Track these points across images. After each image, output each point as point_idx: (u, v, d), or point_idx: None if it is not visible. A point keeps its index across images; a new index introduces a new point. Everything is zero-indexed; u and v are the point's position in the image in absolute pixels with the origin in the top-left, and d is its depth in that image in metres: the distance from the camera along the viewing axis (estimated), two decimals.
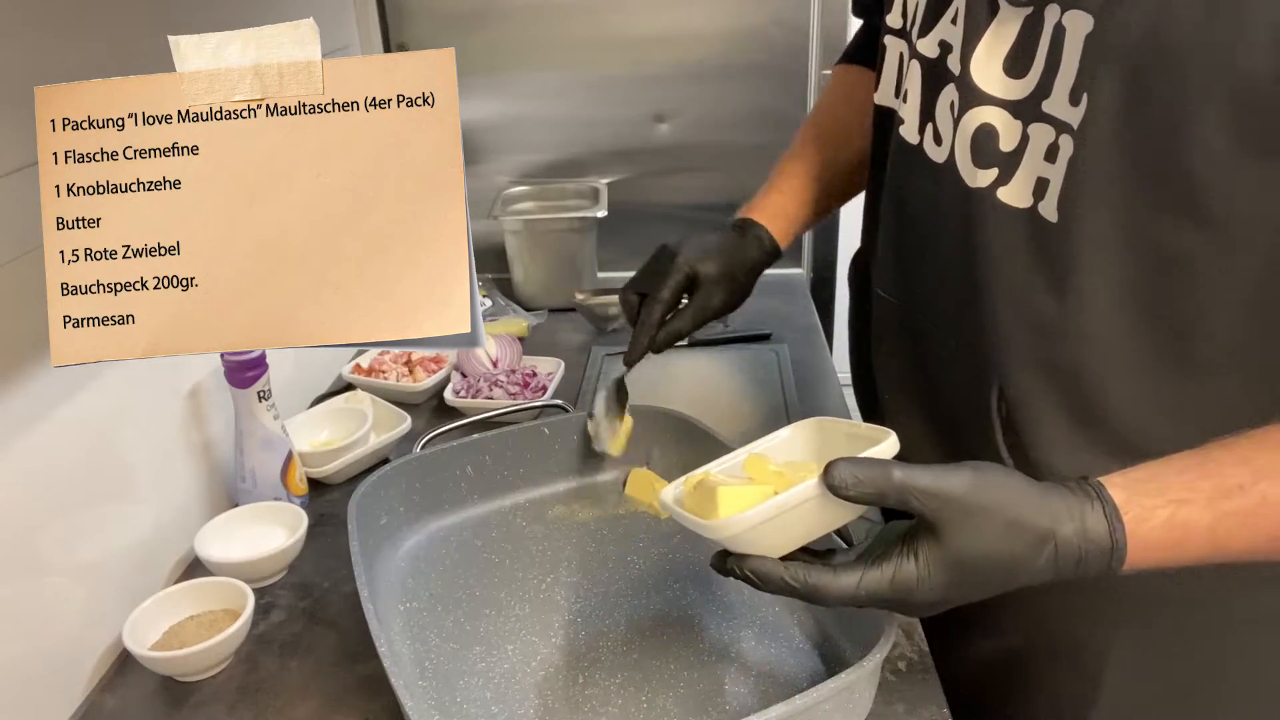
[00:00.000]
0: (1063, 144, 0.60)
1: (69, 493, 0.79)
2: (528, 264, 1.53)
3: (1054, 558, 0.54)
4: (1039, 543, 0.54)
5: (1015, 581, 0.55)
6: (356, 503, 0.83)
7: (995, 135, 0.64)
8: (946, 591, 0.55)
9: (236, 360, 0.92)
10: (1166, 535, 0.55)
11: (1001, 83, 0.63)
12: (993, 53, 0.63)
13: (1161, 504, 0.55)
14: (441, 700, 0.72)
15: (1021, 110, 0.62)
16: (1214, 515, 0.55)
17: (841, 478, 0.54)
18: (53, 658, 0.76)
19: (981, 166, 0.65)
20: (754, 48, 1.55)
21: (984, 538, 0.54)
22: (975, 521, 0.54)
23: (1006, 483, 0.56)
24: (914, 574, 0.55)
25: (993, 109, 0.64)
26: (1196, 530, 0.55)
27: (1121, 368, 0.63)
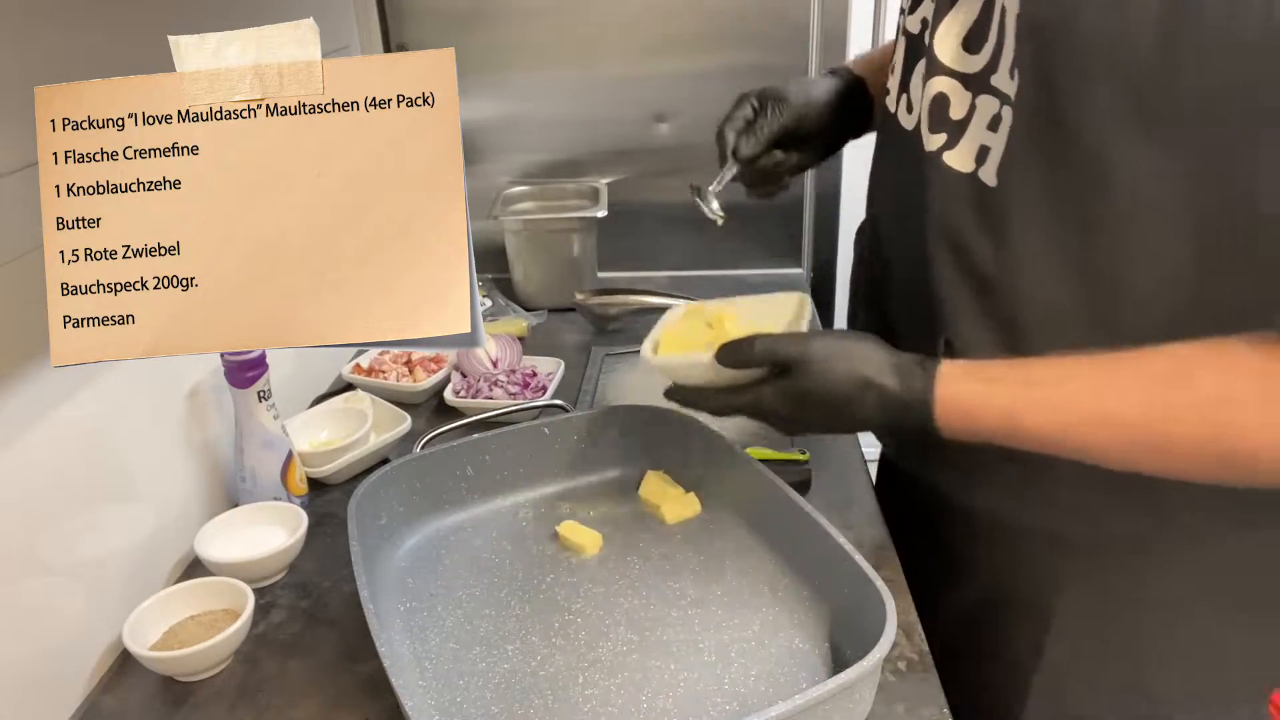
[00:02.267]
0: (1004, 115, 0.66)
1: (69, 493, 0.79)
2: (528, 264, 1.53)
3: (879, 402, 0.67)
4: (865, 387, 0.67)
5: (849, 416, 0.69)
6: (356, 503, 0.83)
7: (948, 103, 0.70)
8: (792, 414, 0.71)
9: (236, 360, 0.92)
10: (970, 404, 0.65)
11: (958, 56, 0.69)
12: (952, 29, 0.70)
13: (979, 379, 0.66)
14: (441, 700, 0.72)
15: (972, 83, 0.68)
16: (1015, 397, 0.64)
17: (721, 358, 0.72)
18: (53, 658, 0.76)
19: (934, 131, 0.72)
20: (754, 48, 1.55)
21: (819, 379, 0.68)
22: (817, 367, 0.68)
23: (855, 344, 0.70)
24: (768, 397, 0.71)
25: (948, 79, 0.70)
26: (995, 408, 0.64)
27: (1054, 325, 0.68)
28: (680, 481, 0.95)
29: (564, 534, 0.89)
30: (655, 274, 1.65)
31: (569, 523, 0.91)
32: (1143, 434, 0.60)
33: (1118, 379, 0.61)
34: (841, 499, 0.99)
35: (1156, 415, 0.60)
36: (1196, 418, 0.58)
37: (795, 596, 0.80)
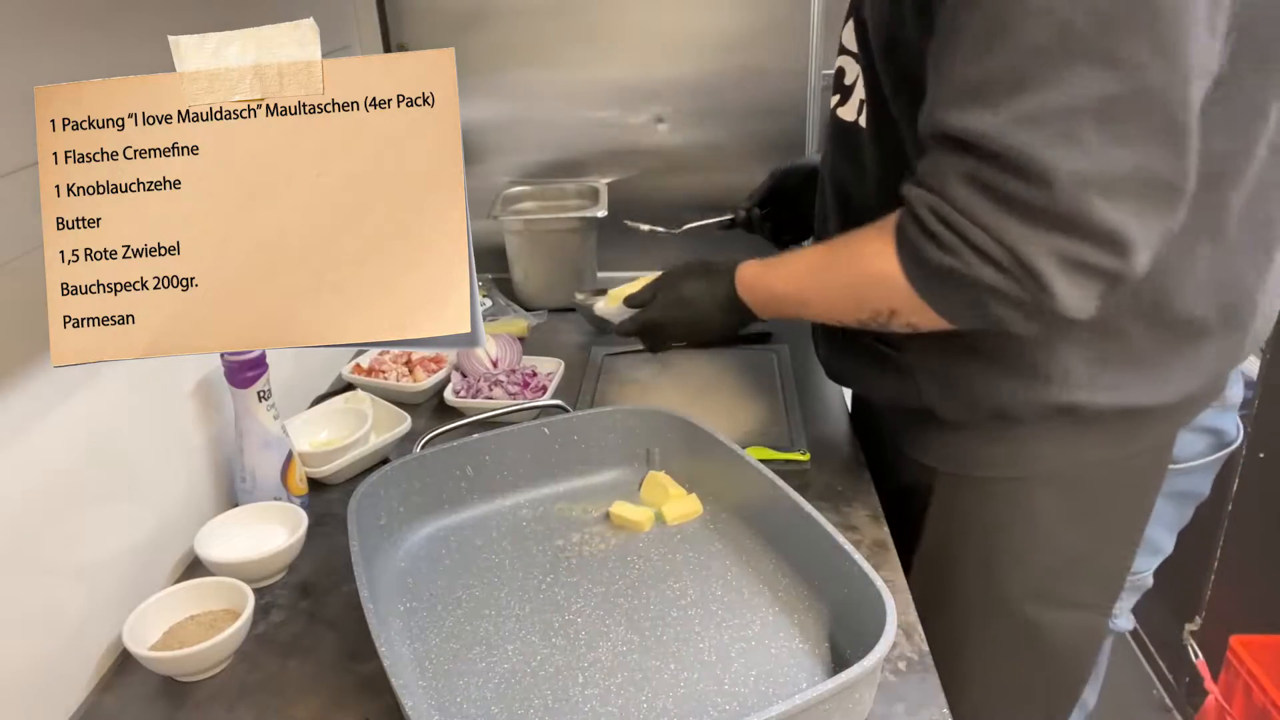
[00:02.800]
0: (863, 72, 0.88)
1: (69, 493, 0.79)
2: (528, 264, 1.53)
3: (706, 287, 1.05)
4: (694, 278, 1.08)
5: (693, 303, 1.07)
6: (356, 503, 0.83)
7: (843, 73, 0.92)
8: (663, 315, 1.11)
9: (236, 360, 0.92)
10: (749, 270, 1.00)
11: (853, 40, 0.89)
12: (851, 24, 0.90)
13: (758, 263, 1.00)
14: (441, 700, 0.72)
15: (858, 57, 0.88)
16: (766, 267, 0.98)
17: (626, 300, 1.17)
18: (53, 658, 0.76)
19: (834, 93, 0.94)
20: (754, 48, 1.55)
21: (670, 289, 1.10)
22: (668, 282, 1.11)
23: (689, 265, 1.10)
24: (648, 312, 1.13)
25: (845, 57, 0.92)
26: (755, 269, 0.99)
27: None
28: (681, 482, 0.95)
29: (616, 513, 0.92)
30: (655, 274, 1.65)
31: (620, 503, 0.93)
32: (819, 282, 0.88)
33: (814, 253, 0.91)
34: (841, 499, 0.99)
35: (819, 268, 0.89)
36: (845, 266, 0.84)
37: (795, 596, 0.80)
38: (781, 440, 1.08)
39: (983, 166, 0.68)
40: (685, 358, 1.33)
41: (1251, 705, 1.55)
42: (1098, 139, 0.64)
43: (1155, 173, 0.65)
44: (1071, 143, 0.65)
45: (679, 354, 1.34)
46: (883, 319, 0.81)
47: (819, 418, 1.15)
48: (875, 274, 0.78)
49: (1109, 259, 0.67)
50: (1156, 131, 0.65)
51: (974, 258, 0.70)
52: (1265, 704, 1.51)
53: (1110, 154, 0.64)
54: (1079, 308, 0.70)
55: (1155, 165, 0.65)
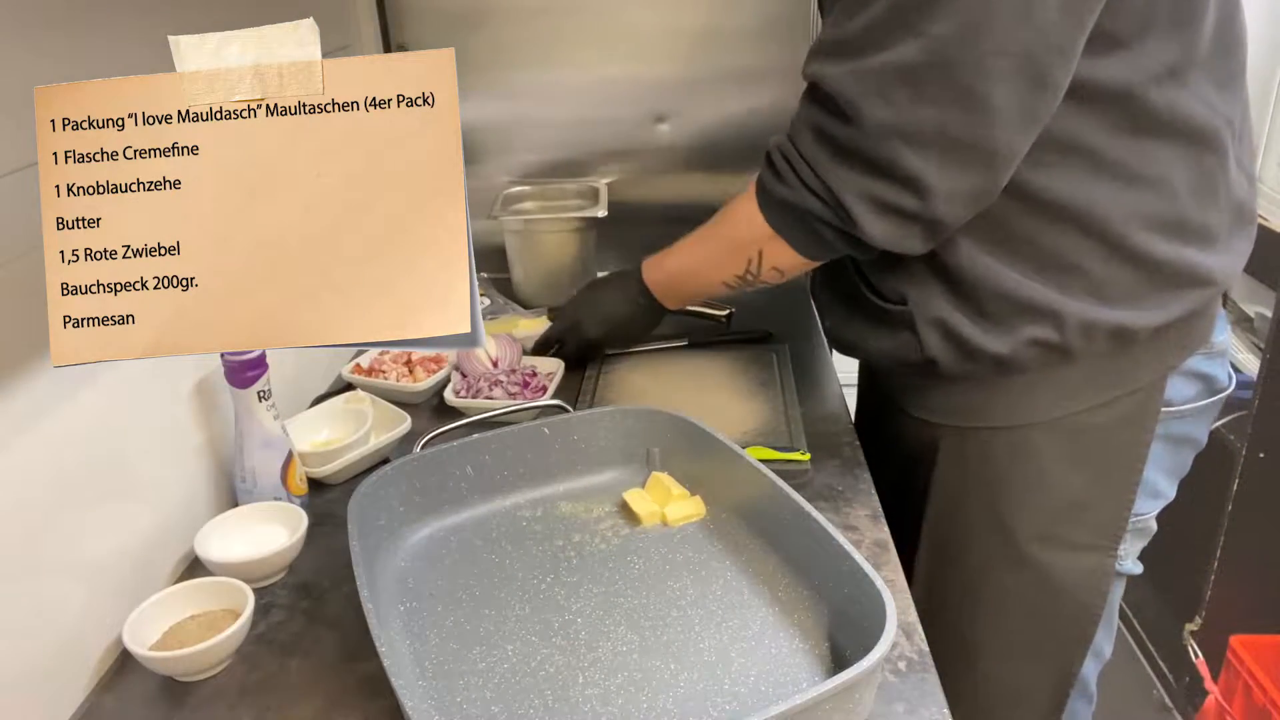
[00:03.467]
0: None
1: (69, 493, 0.79)
2: (528, 264, 1.53)
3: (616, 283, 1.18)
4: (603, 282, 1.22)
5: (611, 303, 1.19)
6: (356, 503, 0.83)
7: None
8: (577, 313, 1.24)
9: (236, 360, 0.92)
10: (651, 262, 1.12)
11: None
12: None
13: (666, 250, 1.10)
14: (441, 700, 0.72)
15: None
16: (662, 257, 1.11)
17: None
18: (53, 658, 0.76)
19: None
20: (754, 48, 1.55)
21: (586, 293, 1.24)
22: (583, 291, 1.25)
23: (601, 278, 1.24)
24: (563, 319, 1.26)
25: None
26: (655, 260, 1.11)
27: None
28: (682, 482, 0.95)
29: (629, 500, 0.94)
30: None
31: (634, 491, 0.95)
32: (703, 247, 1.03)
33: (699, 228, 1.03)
34: (841, 499, 0.99)
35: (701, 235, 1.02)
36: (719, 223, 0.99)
37: (795, 596, 0.80)
38: (781, 440, 1.08)
39: (819, 111, 0.83)
40: (685, 358, 1.33)
41: (1251, 705, 1.56)
42: (905, 96, 0.77)
43: (955, 133, 0.77)
44: (885, 97, 0.77)
45: (679, 354, 1.34)
46: (754, 265, 0.95)
47: (819, 418, 1.15)
48: (742, 217, 0.94)
49: (909, 200, 0.80)
50: (956, 97, 0.76)
51: (803, 191, 0.85)
52: (1265, 704, 1.51)
53: (916, 111, 0.77)
54: (885, 240, 0.84)
55: (954, 126, 0.77)
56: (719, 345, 1.35)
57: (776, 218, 0.90)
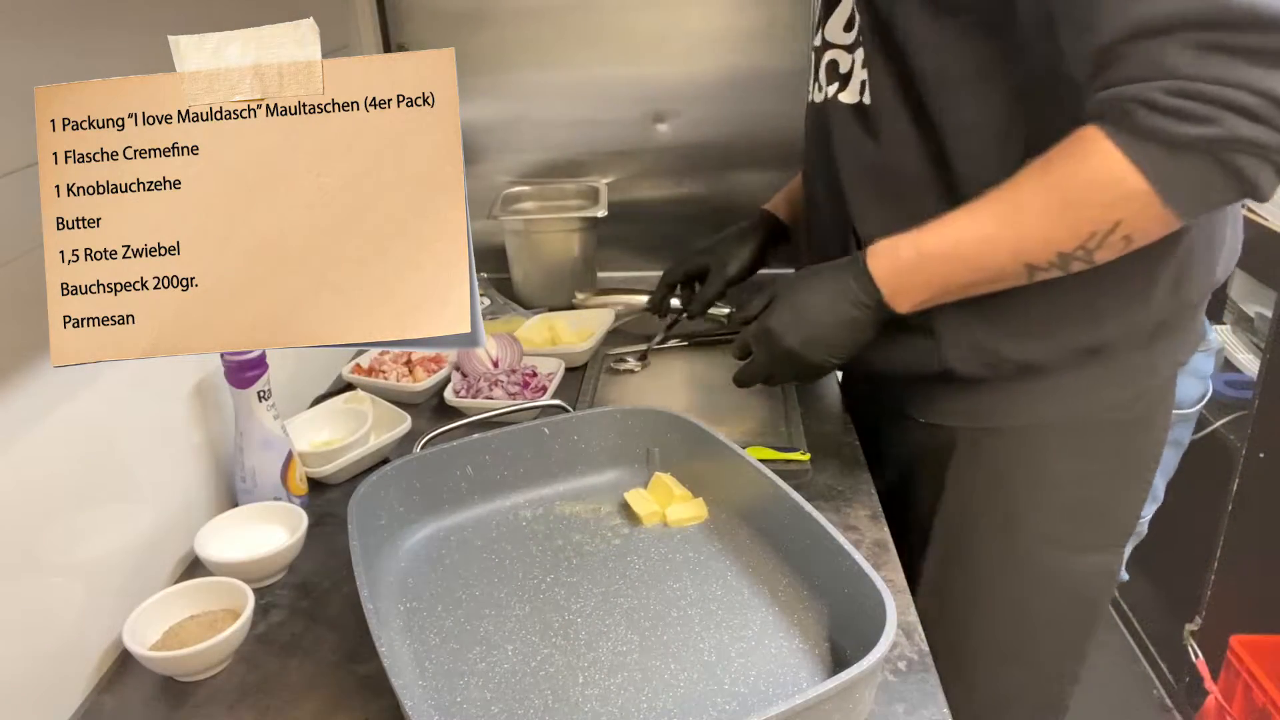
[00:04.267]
0: (858, 55, 0.91)
1: (69, 493, 0.79)
2: (528, 264, 1.53)
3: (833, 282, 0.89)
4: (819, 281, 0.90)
5: (819, 306, 0.90)
6: (356, 503, 0.83)
7: (838, 64, 0.95)
8: (772, 320, 0.92)
9: (236, 360, 0.92)
10: (885, 246, 0.85)
11: (841, 36, 0.94)
12: (836, 22, 0.95)
13: (892, 239, 0.85)
14: (441, 700, 0.72)
15: (851, 48, 0.93)
16: (917, 234, 0.83)
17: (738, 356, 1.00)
18: (53, 658, 0.76)
19: (829, 83, 0.96)
20: (754, 48, 1.55)
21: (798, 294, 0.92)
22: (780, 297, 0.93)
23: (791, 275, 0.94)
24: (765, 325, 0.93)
25: (836, 50, 0.95)
26: (905, 241, 0.84)
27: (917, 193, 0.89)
28: (682, 482, 0.95)
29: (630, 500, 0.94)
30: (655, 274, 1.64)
31: (636, 491, 0.95)
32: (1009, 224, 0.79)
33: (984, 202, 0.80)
34: (841, 499, 0.99)
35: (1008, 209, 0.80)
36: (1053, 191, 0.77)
37: (795, 596, 0.80)
38: (781, 440, 1.08)
39: (1207, 33, 0.68)
40: (685, 358, 1.33)
41: (1251, 705, 1.56)
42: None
43: None
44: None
45: (679, 354, 1.34)
46: (1097, 240, 0.77)
47: (819, 418, 1.15)
48: (1101, 182, 0.74)
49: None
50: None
51: (1233, 118, 0.69)
52: (1265, 704, 1.51)
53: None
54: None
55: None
56: (719, 345, 1.35)
57: (1172, 173, 0.73)
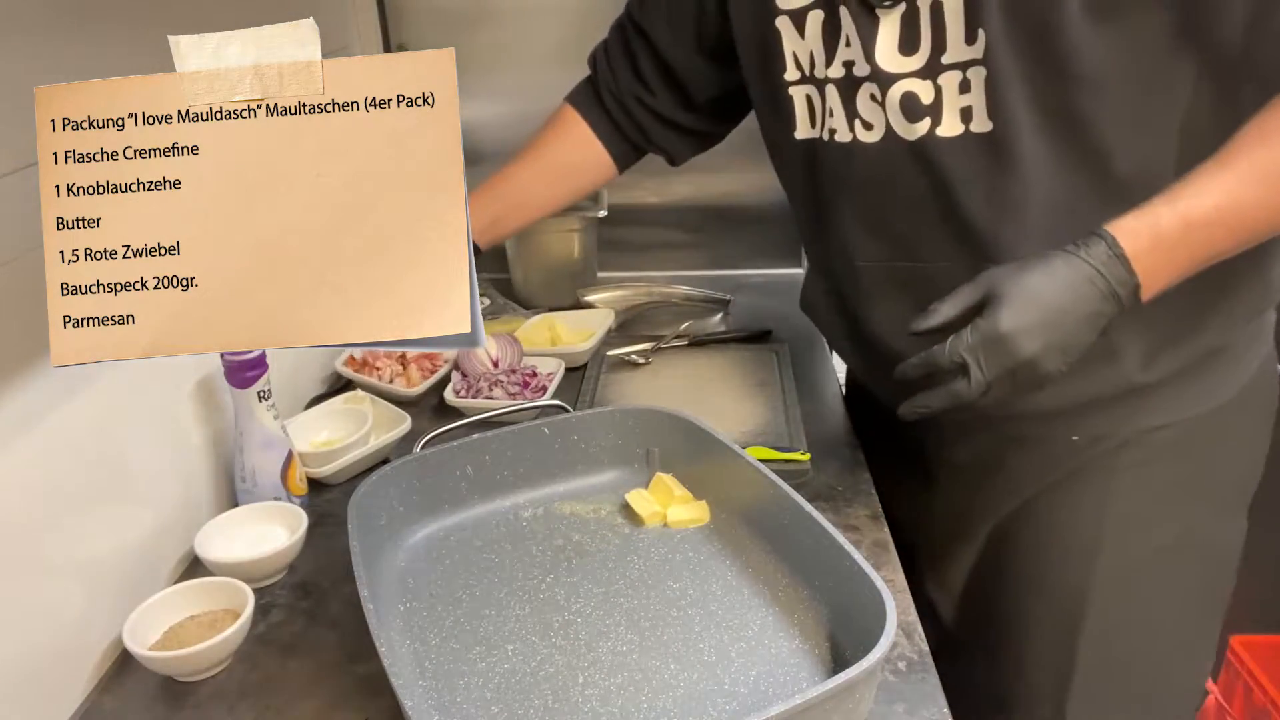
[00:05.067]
0: (972, 75, 0.80)
1: (69, 493, 0.79)
2: (528, 264, 1.53)
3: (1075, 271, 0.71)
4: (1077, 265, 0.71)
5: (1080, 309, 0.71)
6: (356, 503, 0.83)
7: (916, 97, 0.83)
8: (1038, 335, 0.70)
9: (236, 360, 0.92)
10: (1138, 219, 0.71)
11: (901, 61, 0.82)
12: (889, 44, 0.83)
13: (1138, 210, 0.72)
14: (441, 700, 0.72)
15: (927, 72, 0.81)
16: (1171, 196, 0.71)
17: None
18: (53, 658, 0.76)
19: (915, 120, 0.83)
20: None
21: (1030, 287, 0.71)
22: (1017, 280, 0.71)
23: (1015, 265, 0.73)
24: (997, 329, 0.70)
25: (906, 80, 0.83)
26: (1160, 210, 0.71)
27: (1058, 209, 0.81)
28: (682, 481, 0.95)
29: (631, 500, 0.93)
30: (655, 274, 1.65)
31: (637, 492, 0.94)
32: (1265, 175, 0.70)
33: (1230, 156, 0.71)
34: (841, 499, 0.99)
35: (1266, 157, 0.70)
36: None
37: (795, 596, 0.80)
38: (781, 440, 1.08)
39: None
40: (685, 358, 1.33)
41: (1251, 705, 1.56)
42: None
43: None
44: None
45: (679, 354, 1.34)
46: None
47: (819, 418, 1.15)
48: None
49: None
50: None
51: None
52: (1265, 704, 1.51)
53: None
54: None
55: None
56: (719, 345, 1.35)
57: None
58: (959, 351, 0.72)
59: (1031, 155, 0.80)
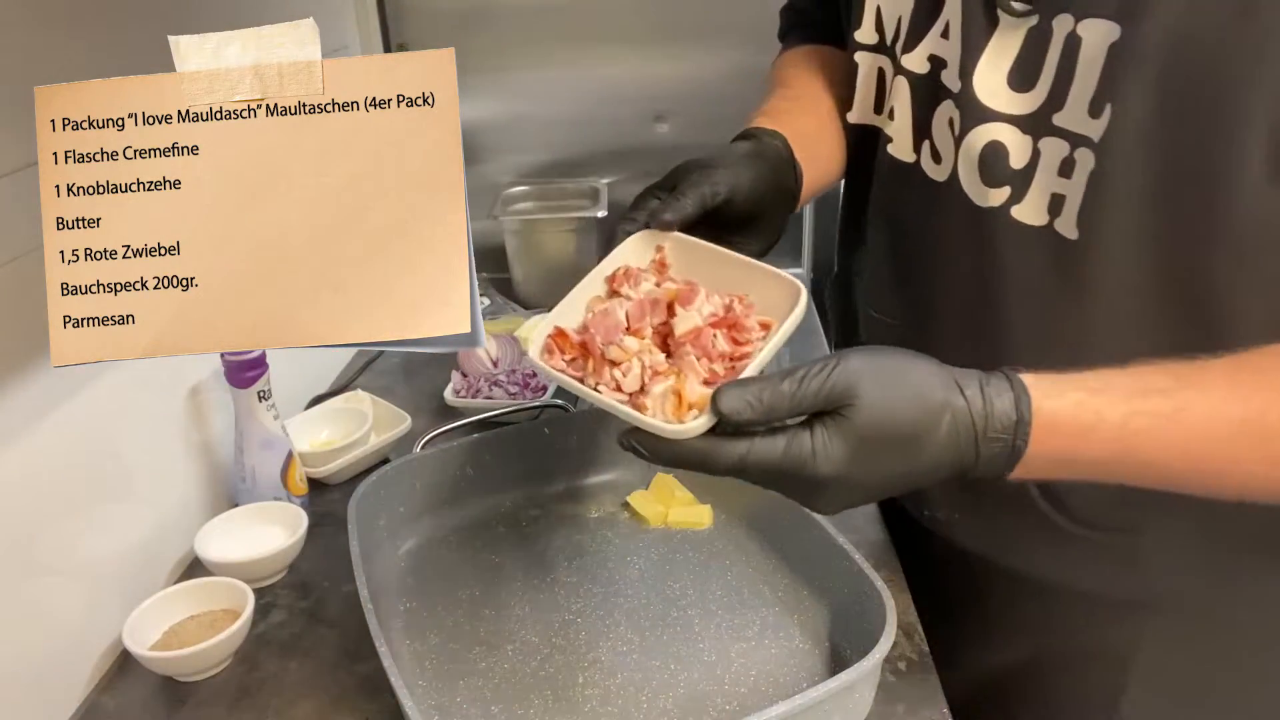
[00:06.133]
0: (1079, 158, 0.59)
1: (69, 493, 0.79)
2: (528, 264, 1.53)
3: (954, 429, 0.51)
4: (939, 409, 0.51)
5: (915, 460, 0.52)
6: (356, 503, 0.83)
7: (1005, 153, 0.62)
8: (846, 466, 0.51)
9: (236, 360, 0.92)
10: (1076, 418, 0.52)
11: (1007, 97, 0.62)
12: (995, 66, 0.62)
13: (1073, 389, 0.53)
14: (441, 700, 0.72)
15: (1031, 125, 0.61)
16: (1128, 410, 0.52)
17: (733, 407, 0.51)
18: (53, 658, 0.76)
19: (992, 185, 0.64)
20: (754, 48, 1.54)
21: (882, 403, 0.51)
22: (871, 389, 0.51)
23: (901, 355, 0.54)
24: (808, 446, 0.52)
25: (1000, 125, 0.62)
26: (1108, 422, 0.52)
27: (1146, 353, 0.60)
28: (682, 480, 0.95)
29: (633, 502, 0.93)
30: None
31: (637, 493, 0.94)
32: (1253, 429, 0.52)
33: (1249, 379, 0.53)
34: None
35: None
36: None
37: (795, 596, 0.80)
38: None
39: None
40: None
41: None
42: None
43: None
44: None
45: None
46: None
47: None
48: None
49: None
50: None
51: None
52: None
53: None
54: None
55: None
56: None
57: None
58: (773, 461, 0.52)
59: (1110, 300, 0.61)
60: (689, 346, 0.58)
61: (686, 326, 0.59)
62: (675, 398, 0.55)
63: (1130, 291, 0.61)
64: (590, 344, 0.60)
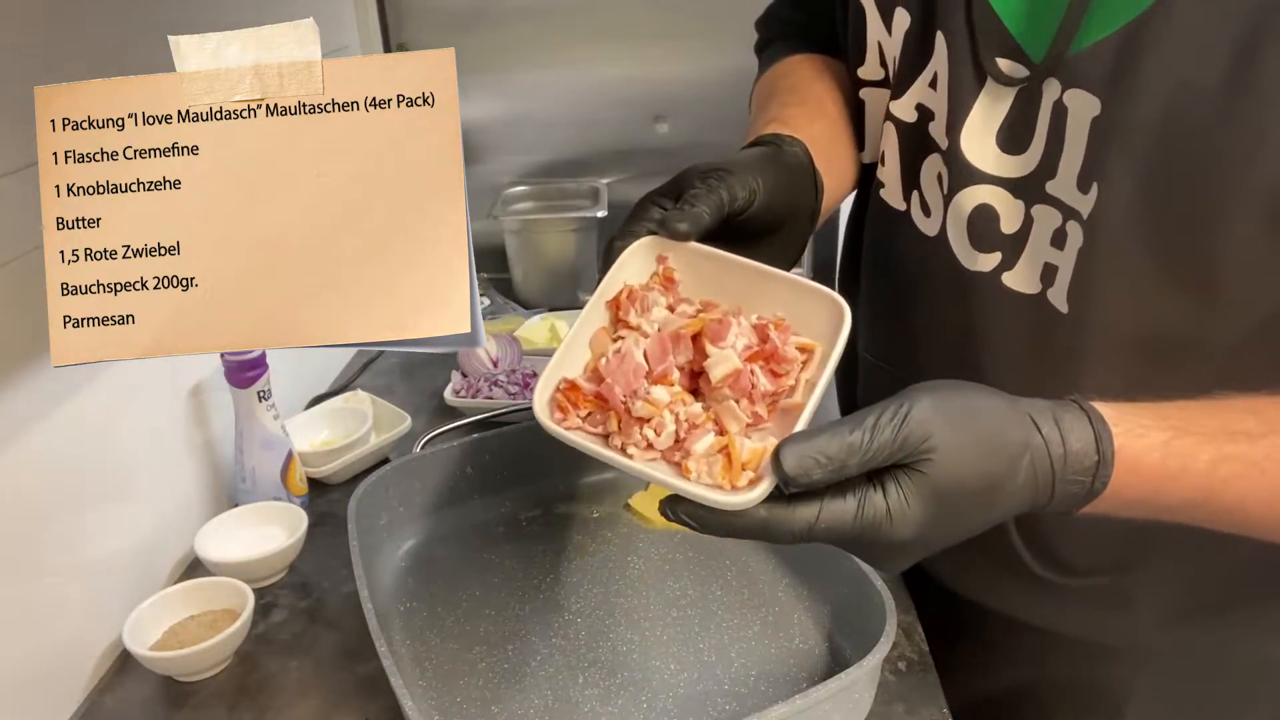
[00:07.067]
0: (1070, 230, 0.57)
1: (69, 493, 0.79)
2: (528, 264, 1.53)
3: (1031, 472, 0.46)
4: (1018, 453, 0.46)
5: (994, 508, 0.48)
6: (356, 503, 0.83)
7: (995, 217, 0.61)
8: (927, 528, 0.46)
9: (236, 360, 0.92)
10: (1162, 463, 0.48)
11: (997, 159, 0.60)
12: (985, 127, 0.60)
13: (1158, 427, 0.49)
14: (441, 700, 0.72)
15: (1022, 190, 0.59)
16: (1216, 455, 0.49)
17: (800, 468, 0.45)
18: (53, 658, 0.76)
19: (982, 250, 0.62)
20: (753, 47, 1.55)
21: (959, 454, 0.45)
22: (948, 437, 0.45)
23: (968, 391, 0.48)
24: (883, 508, 0.46)
25: (990, 188, 0.60)
26: (1195, 464, 0.48)
27: None
28: None
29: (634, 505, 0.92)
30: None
31: (638, 495, 0.93)
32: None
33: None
34: None
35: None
36: None
37: (795, 596, 0.80)
38: None
39: None
40: None
41: None
42: None
43: None
44: None
45: None
46: None
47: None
48: None
49: None
50: None
51: None
52: None
53: None
54: None
55: None
56: None
57: None
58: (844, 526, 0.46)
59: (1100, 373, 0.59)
60: (727, 389, 0.49)
61: (725, 370, 0.49)
62: (725, 459, 0.47)
63: (1121, 365, 0.59)
64: (609, 396, 0.51)
